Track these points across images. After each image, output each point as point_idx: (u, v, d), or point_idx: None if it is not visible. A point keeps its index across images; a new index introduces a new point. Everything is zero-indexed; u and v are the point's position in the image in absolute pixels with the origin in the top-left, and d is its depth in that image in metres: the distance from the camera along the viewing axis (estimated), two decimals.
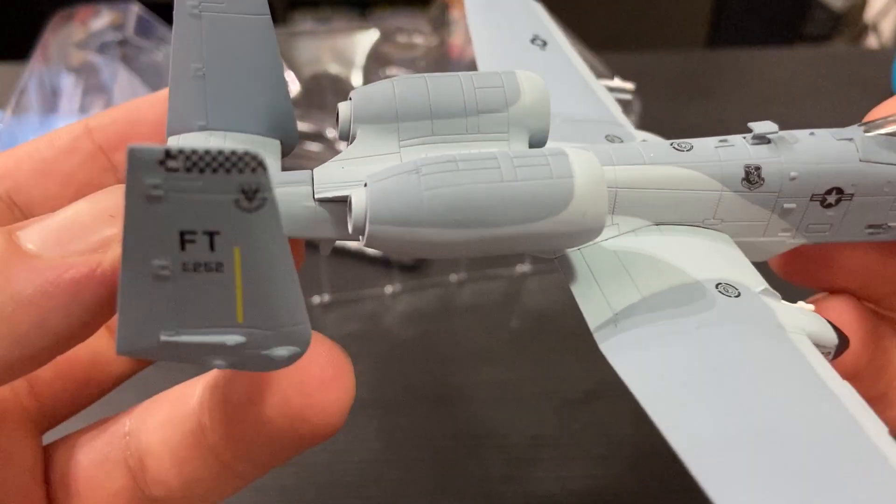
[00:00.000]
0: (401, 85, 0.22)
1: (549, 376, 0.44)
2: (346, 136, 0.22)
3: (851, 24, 1.43)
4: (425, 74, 0.22)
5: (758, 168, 0.23)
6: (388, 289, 0.50)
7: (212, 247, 0.16)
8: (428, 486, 0.38)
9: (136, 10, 0.62)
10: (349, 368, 0.21)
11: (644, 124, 0.58)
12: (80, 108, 0.53)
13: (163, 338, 0.17)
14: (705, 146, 0.24)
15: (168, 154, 0.15)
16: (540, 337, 0.47)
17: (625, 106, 0.60)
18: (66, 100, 0.53)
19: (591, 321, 0.21)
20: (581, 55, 0.65)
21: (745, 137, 0.24)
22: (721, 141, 0.24)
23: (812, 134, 0.24)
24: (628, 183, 0.23)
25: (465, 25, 0.73)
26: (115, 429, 0.23)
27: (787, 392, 0.18)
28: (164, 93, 0.24)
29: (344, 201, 0.21)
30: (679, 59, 0.85)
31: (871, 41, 1.39)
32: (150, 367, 0.27)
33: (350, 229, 0.20)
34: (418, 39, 0.70)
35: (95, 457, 0.23)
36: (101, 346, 0.26)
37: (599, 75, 0.63)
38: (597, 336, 0.20)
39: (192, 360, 0.18)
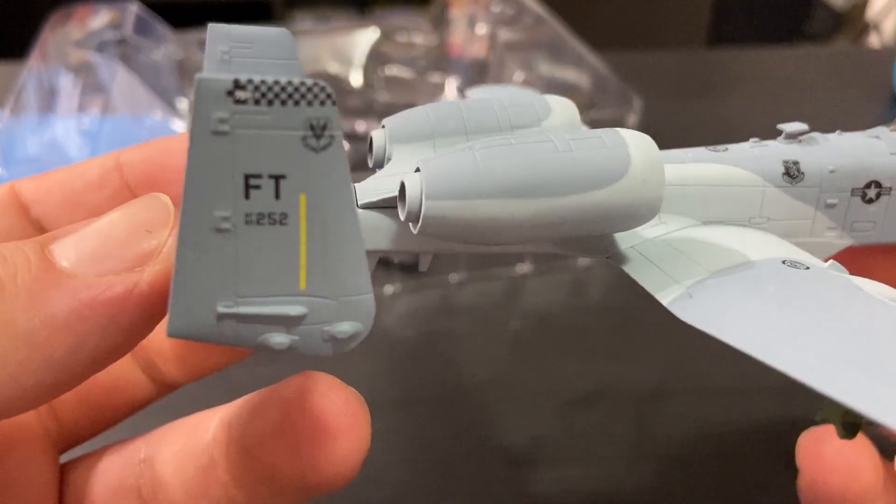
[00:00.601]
0: (434, 107, 0.23)
1: (550, 377, 0.44)
2: (381, 163, 0.23)
3: (853, 23, 1.43)
4: (457, 100, 0.23)
5: (796, 163, 0.24)
6: (389, 289, 0.50)
7: (277, 193, 0.15)
8: (428, 486, 0.38)
9: (134, 9, 0.62)
10: (365, 417, 0.20)
11: (645, 123, 0.58)
12: (79, 107, 0.52)
13: (220, 309, 0.16)
14: (741, 147, 0.25)
15: (237, 84, 0.14)
16: (540, 337, 0.47)
17: (626, 106, 0.60)
18: (64, 99, 0.53)
19: (663, 297, 0.20)
20: (583, 55, 0.65)
21: (777, 139, 0.25)
22: (755, 142, 0.25)
23: (840, 134, 0.25)
24: (672, 180, 0.23)
25: (465, 24, 0.73)
26: (130, 454, 0.23)
27: (889, 319, 0.18)
28: None
29: (390, 206, 0.21)
30: (680, 57, 0.85)
31: (873, 40, 1.39)
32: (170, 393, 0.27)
33: (403, 215, 0.19)
34: (418, 38, 0.70)
35: (110, 483, 0.23)
36: (121, 369, 0.25)
37: (601, 75, 0.63)
38: (673, 309, 0.20)
39: (248, 342, 0.17)
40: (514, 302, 0.50)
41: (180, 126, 0.55)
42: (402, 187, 0.19)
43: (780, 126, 0.25)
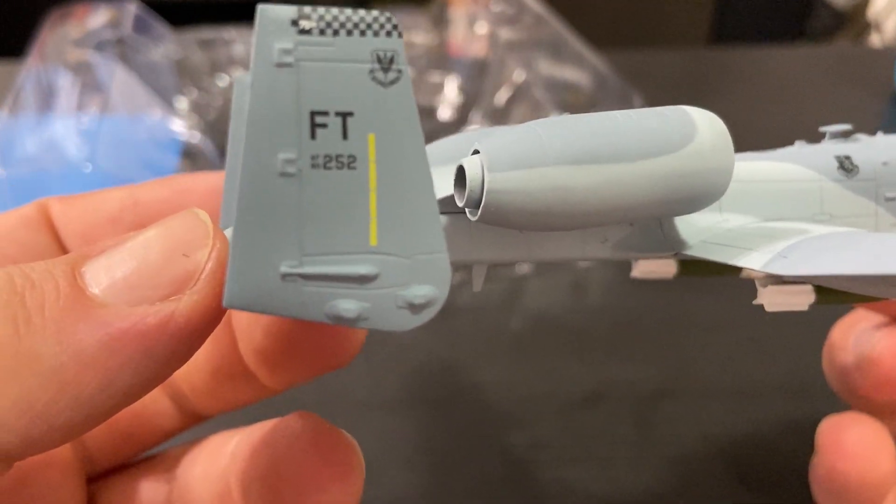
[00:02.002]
0: (464, 135, 0.23)
1: (550, 378, 0.44)
2: None
3: (854, 22, 1.42)
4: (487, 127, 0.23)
5: (848, 157, 0.24)
6: None
7: (345, 133, 0.15)
8: (427, 487, 0.38)
9: (133, 8, 0.62)
10: (356, 464, 0.20)
11: None
12: (78, 107, 0.52)
13: (283, 269, 0.15)
14: (789, 149, 0.24)
15: (301, 12, 0.14)
16: (540, 338, 0.47)
17: (627, 105, 0.60)
18: (63, 98, 0.53)
19: (754, 264, 0.19)
20: (583, 54, 0.64)
21: (821, 142, 0.25)
22: (801, 143, 0.25)
23: (881, 134, 0.25)
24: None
25: (465, 23, 0.73)
26: (160, 472, 0.23)
27: None
28: (216, 179, 0.23)
29: (443, 208, 0.20)
30: (681, 56, 0.84)
31: (874, 39, 1.38)
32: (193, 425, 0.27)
33: (463, 200, 0.18)
34: (418, 37, 0.70)
35: (142, 501, 0.23)
36: (150, 400, 0.25)
37: (602, 74, 0.63)
38: (769, 269, 0.19)
39: (314, 311, 0.15)
40: (514, 303, 0.50)
41: (179, 125, 0.55)
42: (461, 171, 0.18)
43: (823, 128, 0.25)
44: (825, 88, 0.76)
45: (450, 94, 0.66)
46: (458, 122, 0.64)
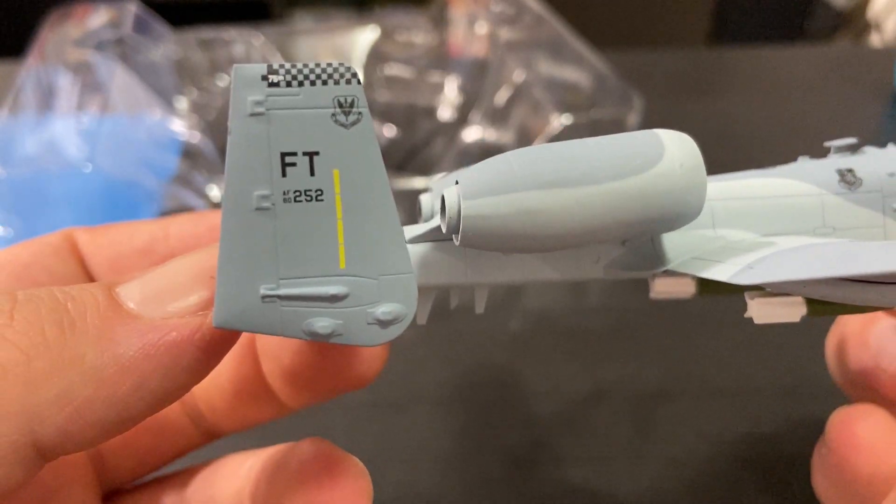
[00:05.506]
0: (475, 165, 0.24)
1: (550, 378, 0.44)
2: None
3: (854, 22, 1.43)
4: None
5: (850, 170, 0.24)
6: None
7: (312, 170, 0.16)
8: (427, 487, 0.38)
9: (133, 8, 0.62)
10: (367, 490, 0.21)
11: (646, 122, 0.58)
12: (78, 107, 0.52)
13: (263, 291, 0.17)
14: (791, 165, 0.24)
15: (270, 69, 0.16)
16: (540, 338, 0.47)
17: (626, 105, 0.60)
18: (63, 98, 0.53)
19: (721, 276, 0.20)
20: (583, 54, 0.64)
21: (826, 157, 0.25)
22: (803, 159, 0.25)
23: (893, 145, 0.25)
24: (722, 195, 0.23)
25: (465, 23, 0.72)
26: (174, 493, 0.24)
27: None
28: None
29: (438, 240, 0.21)
30: (681, 56, 0.84)
31: (874, 39, 1.38)
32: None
33: (444, 227, 0.20)
34: (418, 37, 0.70)
35: None
36: (168, 416, 0.26)
37: (602, 74, 0.62)
38: (733, 280, 0.19)
39: (293, 329, 0.17)
40: (513, 303, 0.50)
41: (179, 125, 0.55)
42: (442, 200, 0.20)
43: (828, 143, 0.25)
44: (825, 88, 0.76)
45: (450, 94, 0.66)
46: (459, 122, 0.64)
